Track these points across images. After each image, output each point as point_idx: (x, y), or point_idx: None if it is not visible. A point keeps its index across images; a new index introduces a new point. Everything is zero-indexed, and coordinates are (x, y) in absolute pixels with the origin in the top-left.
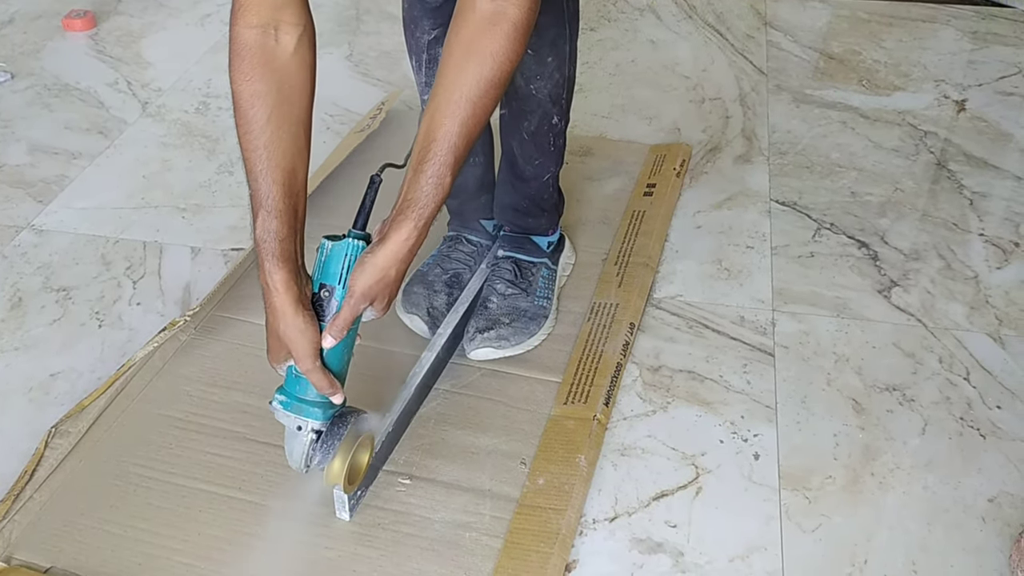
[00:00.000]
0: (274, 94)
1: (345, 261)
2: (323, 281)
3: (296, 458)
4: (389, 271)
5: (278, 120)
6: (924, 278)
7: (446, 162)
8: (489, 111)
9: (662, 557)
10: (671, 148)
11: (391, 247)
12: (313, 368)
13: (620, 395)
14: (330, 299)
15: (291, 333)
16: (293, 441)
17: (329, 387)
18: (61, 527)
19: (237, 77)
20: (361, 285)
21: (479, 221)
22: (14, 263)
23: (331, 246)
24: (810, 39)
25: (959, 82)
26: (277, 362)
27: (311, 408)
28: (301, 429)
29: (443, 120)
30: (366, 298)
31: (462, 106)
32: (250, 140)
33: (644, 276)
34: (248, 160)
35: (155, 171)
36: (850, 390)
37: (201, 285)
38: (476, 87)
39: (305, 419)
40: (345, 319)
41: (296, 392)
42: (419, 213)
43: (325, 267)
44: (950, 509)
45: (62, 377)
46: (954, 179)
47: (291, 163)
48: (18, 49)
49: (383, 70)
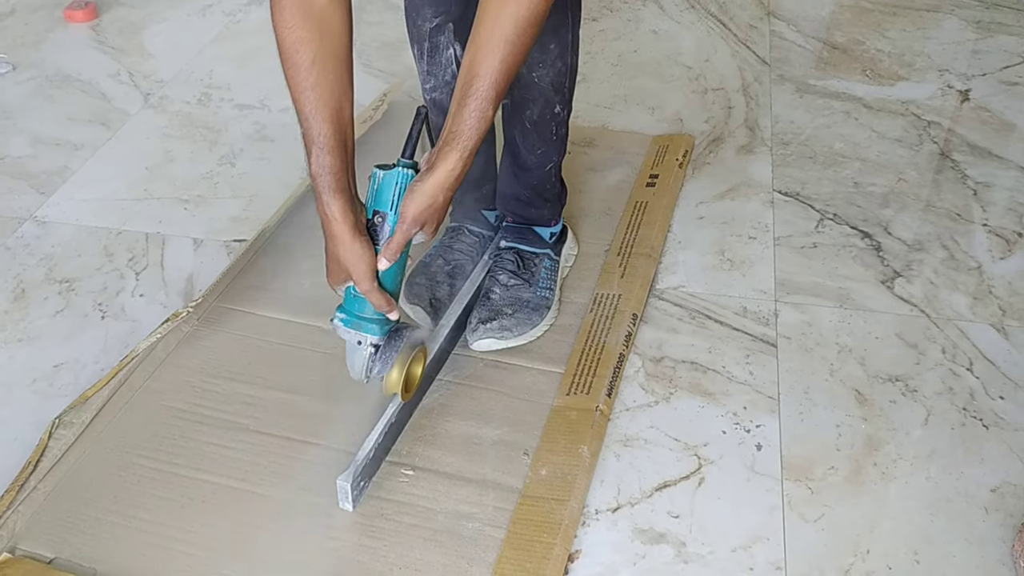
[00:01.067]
0: (316, 39)
1: (396, 189)
2: (376, 208)
3: (357, 369)
4: (437, 197)
5: (322, 62)
6: (927, 269)
7: (488, 96)
8: (527, 48)
9: (664, 547)
10: (674, 139)
11: (438, 175)
12: (372, 288)
13: (622, 386)
14: (383, 224)
15: (350, 257)
16: (354, 355)
17: (387, 305)
18: (65, 517)
19: (280, 25)
20: (412, 211)
21: (481, 212)
22: (17, 254)
23: (383, 175)
24: (813, 29)
25: (963, 72)
26: (337, 284)
27: (369, 324)
28: (361, 344)
29: (485, 58)
30: (417, 223)
31: (502, 45)
32: (297, 83)
33: (647, 267)
34: (297, 102)
35: (157, 162)
36: (853, 381)
37: (203, 276)
38: (514, 26)
39: (364, 334)
40: (398, 242)
41: (355, 310)
42: (463, 144)
43: (378, 195)
44: (952, 499)
45: (65, 368)
46: (958, 169)
47: (337, 101)
48: (19, 40)
49: (385, 61)
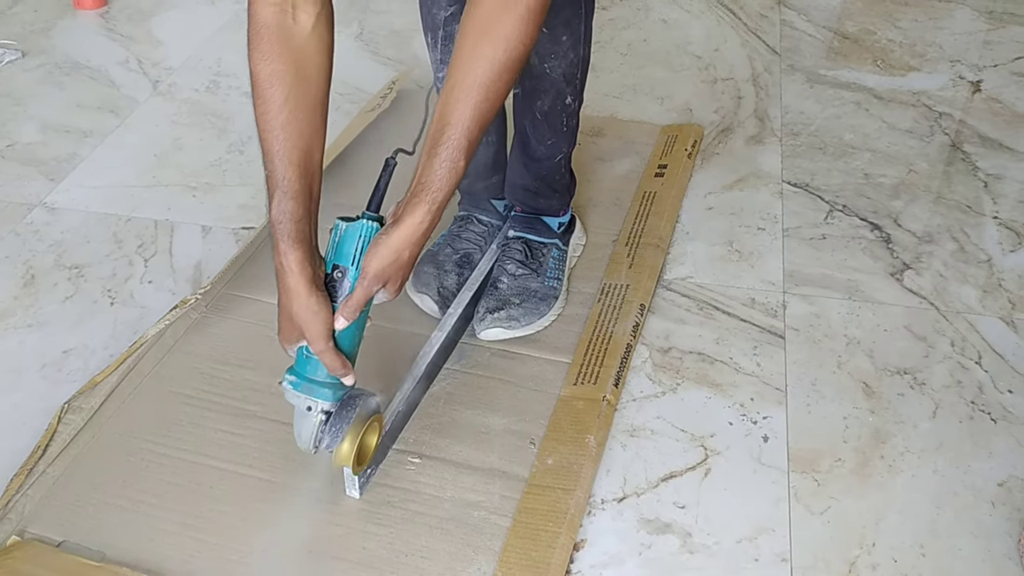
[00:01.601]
0: (292, 74)
1: (359, 242)
2: (336, 262)
3: (305, 439)
4: (402, 253)
5: (295, 100)
6: (937, 261)
7: (459, 146)
8: (503, 95)
9: (670, 537)
10: (683, 129)
11: (405, 229)
12: (326, 349)
13: (630, 376)
14: (343, 280)
15: (304, 314)
16: (303, 421)
17: (341, 368)
18: (74, 502)
19: (255, 56)
20: (375, 266)
21: (490, 201)
22: (27, 241)
23: (345, 227)
24: (824, 18)
25: (975, 63)
26: (289, 343)
27: (321, 389)
28: (311, 410)
29: (456, 104)
30: (379, 279)
31: (475, 90)
32: (267, 120)
33: (655, 257)
34: (265, 140)
35: (166, 150)
36: (861, 373)
37: (212, 263)
38: (489, 71)
39: (315, 399)
40: (358, 300)
41: (307, 373)
42: (433, 196)
43: (339, 248)
44: (959, 493)
45: (74, 354)
46: (968, 161)
47: (307, 144)
48: (29, 27)
49: (393, 49)
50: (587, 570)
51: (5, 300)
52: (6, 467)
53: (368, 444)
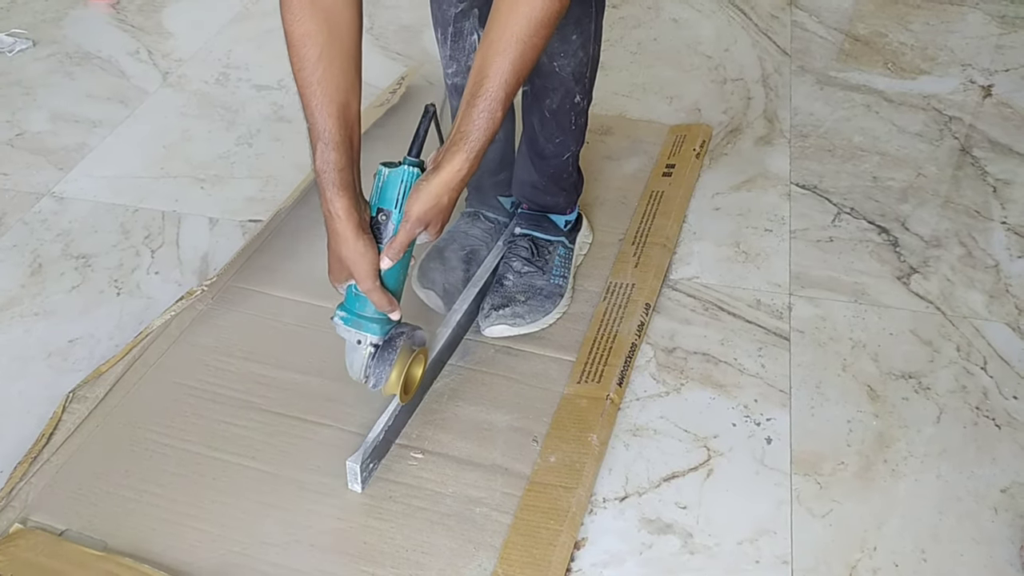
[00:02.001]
0: (324, 32)
1: (401, 187)
2: (380, 206)
3: (356, 369)
4: (442, 198)
5: (329, 57)
6: (944, 265)
7: (497, 97)
8: (539, 50)
9: (671, 538)
10: (691, 128)
11: (444, 175)
12: (374, 288)
13: (634, 375)
14: (387, 223)
15: (353, 256)
16: (353, 354)
17: (388, 305)
18: (77, 490)
19: (288, 18)
20: (417, 210)
21: (497, 198)
22: (34, 229)
23: (388, 172)
24: (835, 20)
25: (986, 67)
26: (339, 282)
27: (370, 323)
28: (361, 343)
29: (495, 58)
30: (421, 222)
31: (513, 45)
32: (304, 77)
33: (661, 257)
34: (304, 96)
35: (175, 141)
36: (865, 376)
37: (218, 255)
38: (527, 26)
39: (365, 333)
40: (402, 242)
41: (356, 309)
42: (471, 145)
43: (383, 192)
44: (962, 498)
45: (80, 343)
46: (978, 166)
47: (344, 97)
48: (40, 17)
49: (403, 44)
50: (587, 568)
51: (12, 289)
52: (10, 455)
53: (414, 374)
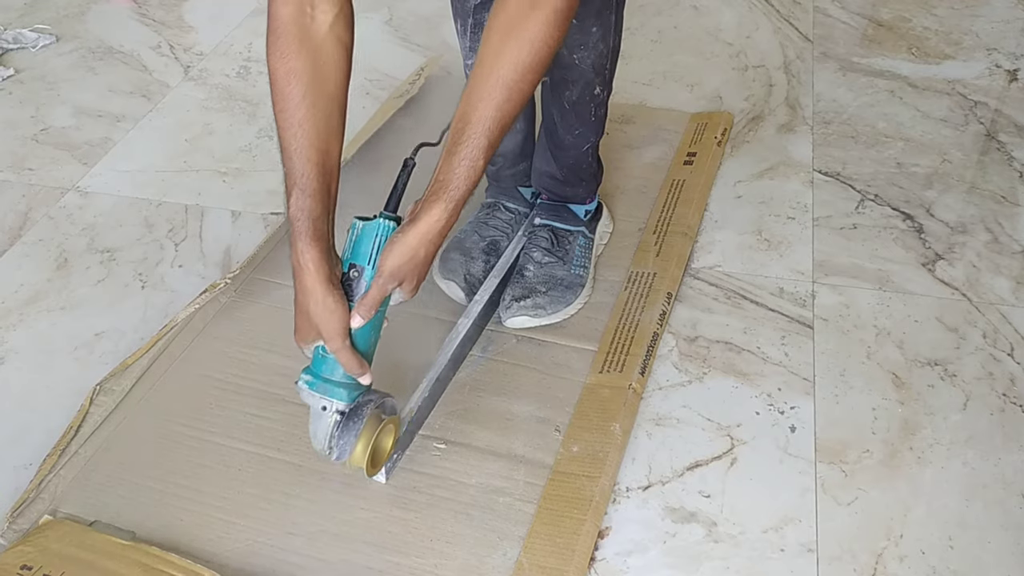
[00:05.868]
0: (309, 72)
1: (376, 241)
2: (353, 261)
3: (320, 439)
4: (419, 251)
5: (313, 98)
6: (970, 251)
7: (479, 145)
8: (527, 95)
9: (695, 527)
10: (712, 116)
11: (421, 227)
12: (342, 347)
13: (656, 365)
14: (359, 279)
15: (321, 313)
16: (318, 422)
17: (358, 367)
18: (105, 482)
19: (273, 54)
20: (390, 265)
21: (517, 188)
22: (60, 224)
23: (362, 226)
24: (858, 5)
25: (1012, 51)
26: (305, 342)
27: (337, 388)
28: (326, 409)
29: (478, 103)
30: (395, 278)
31: (498, 90)
32: (285, 118)
33: (682, 246)
34: (283, 138)
35: (197, 135)
36: (890, 364)
37: (241, 248)
38: (513, 72)
39: (331, 399)
40: (374, 299)
41: (322, 372)
42: (451, 195)
43: (356, 247)
44: (989, 485)
45: (106, 337)
46: (1004, 151)
47: (325, 142)
48: (63, 12)
49: (422, 35)
50: (611, 557)
51: (38, 283)
52: (39, 447)
53: (383, 446)
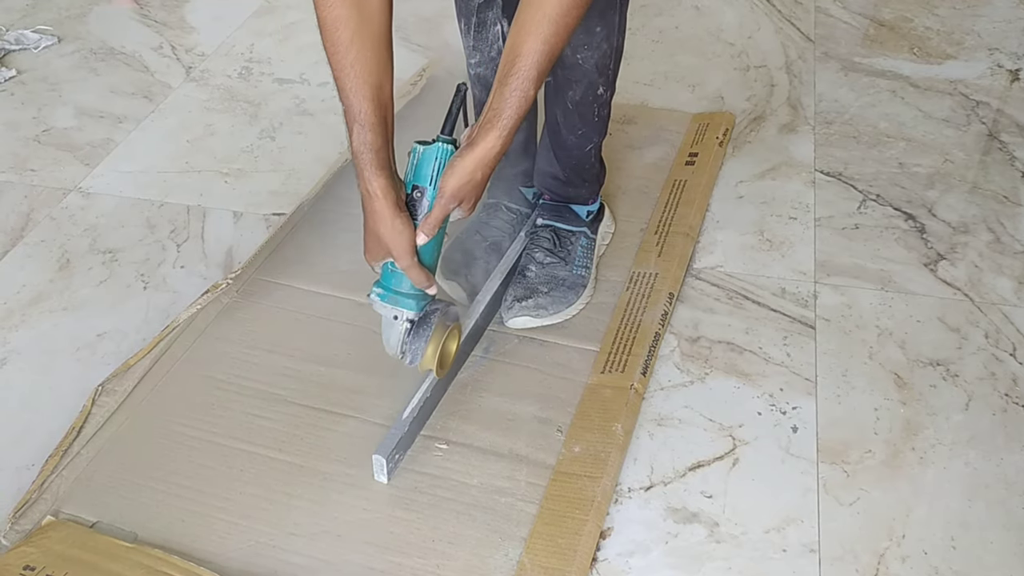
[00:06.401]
0: (355, 16)
1: (435, 164)
2: (416, 183)
3: (393, 345)
4: (476, 174)
5: (361, 39)
6: (972, 252)
7: (529, 76)
8: (571, 29)
9: (697, 527)
10: (714, 117)
11: (478, 152)
12: (412, 264)
13: (658, 365)
14: (422, 199)
15: (391, 233)
16: (390, 330)
17: (426, 280)
18: (107, 483)
19: (320, 3)
20: (451, 186)
21: (519, 189)
22: (62, 225)
23: (422, 150)
24: (860, 5)
25: (1014, 51)
26: (375, 260)
27: (406, 299)
28: (397, 318)
29: (527, 37)
30: (455, 198)
31: (544, 24)
32: (337, 60)
33: (684, 246)
34: (338, 79)
35: (198, 136)
36: (892, 364)
37: (243, 249)
38: (559, 6)
39: (401, 309)
40: (437, 217)
41: (392, 285)
42: (504, 123)
43: (417, 169)
44: (991, 485)
45: (108, 337)
46: (1006, 151)
47: (377, 79)
48: (64, 13)
49: (423, 36)
50: (613, 558)
51: (41, 284)
52: (41, 448)
53: (449, 349)
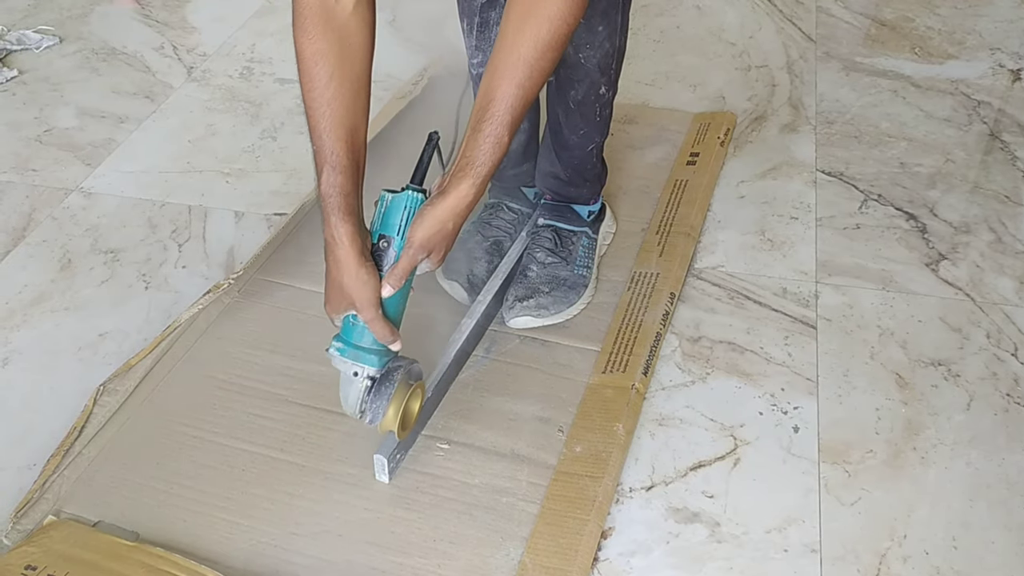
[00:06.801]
0: (335, 53)
1: (404, 213)
2: (382, 232)
3: (351, 403)
4: (447, 224)
5: (340, 78)
6: (973, 251)
7: (503, 122)
8: (547, 72)
9: (698, 527)
10: (715, 116)
11: (450, 201)
12: (375, 317)
13: (659, 365)
14: (388, 249)
15: (354, 284)
16: (349, 387)
17: (389, 335)
18: (109, 482)
19: (300, 36)
20: (420, 236)
21: (520, 188)
22: (63, 225)
23: (391, 198)
24: (861, 5)
25: (1015, 51)
26: (336, 312)
27: (367, 355)
28: (357, 375)
29: (501, 81)
30: (424, 248)
31: (520, 68)
32: (313, 98)
33: (685, 246)
34: (312, 117)
35: (200, 136)
36: (894, 364)
37: (244, 249)
38: (533, 49)
39: (362, 365)
40: (403, 268)
41: (353, 339)
42: (477, 171)
43: (385, 218)
44: (993, 485)
45: (110, 337)
46: (1007, 150)
47: (353, 120)
48: (66, 13)
49: (426, 36)
50: (615, 558)
51: (43, 284)
52: (43, 448)
53: (411, 409)
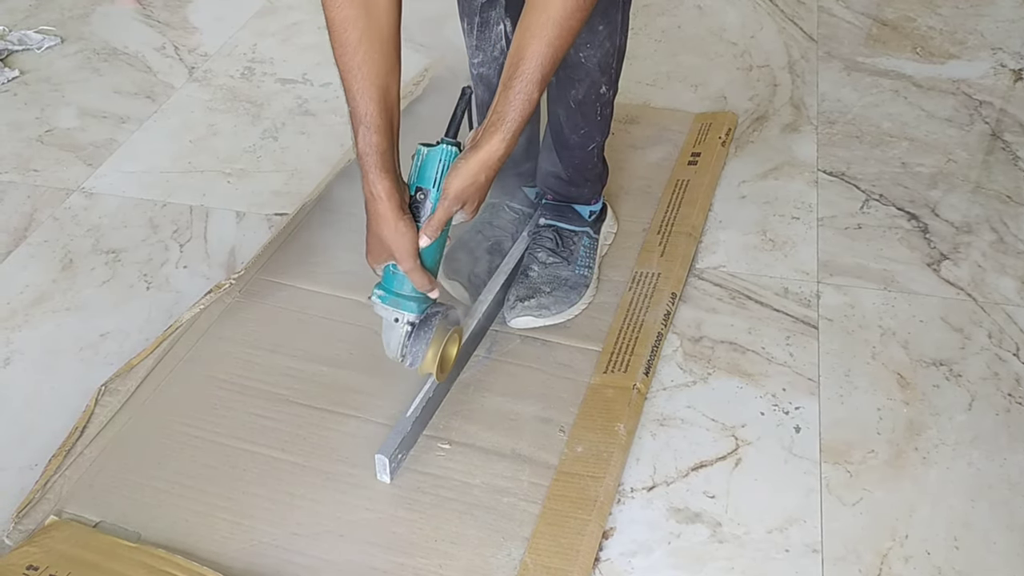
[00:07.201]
0: (363, 17)
1: (439, 166)
2: (419, 184)
3: (393, 348)
4: (480, 176)
5: (369, 41)
6: (975, 251)
7: (533, 79)
8: (575, 32)
9: (699, 527)
10: (717, 116)
11: (482, 154)
12: (414, 267)
13: (660, 365)
14: (425, 201)
15: (394, 236)
16: (390, 333)
17: (428, 283)
18: (110, 482)
19: (328, 3)
20: (455, 187)
21: (521, 188)
22: (64, 225)
23: (427, 152)
24: (863, 5)
25: (1017, 51)
26: (377, 262)
27: (408, 302)
28: (398, 321)
29: (531, 40)
30: (459, 200)
31: (549, 27)
32: (345, 61)
33: (687, 246)
34: (345, 80)
35: (201, 136)
36: (895, 364)
37: (246, 249)
38: (563, 9)
39: (402, 312)
40: (440, 220)
41: (394, 288)
42: (508, 126)
43: (421, 171)
44: (995, 486)
45: (111, 337)
46: (1009, 150)
47: (384, 80)
48: (67, 14)
49: (426, 36)
50: (616, 558)
51: (44, 284)
52: (44, 448)
53: (449, 353)
